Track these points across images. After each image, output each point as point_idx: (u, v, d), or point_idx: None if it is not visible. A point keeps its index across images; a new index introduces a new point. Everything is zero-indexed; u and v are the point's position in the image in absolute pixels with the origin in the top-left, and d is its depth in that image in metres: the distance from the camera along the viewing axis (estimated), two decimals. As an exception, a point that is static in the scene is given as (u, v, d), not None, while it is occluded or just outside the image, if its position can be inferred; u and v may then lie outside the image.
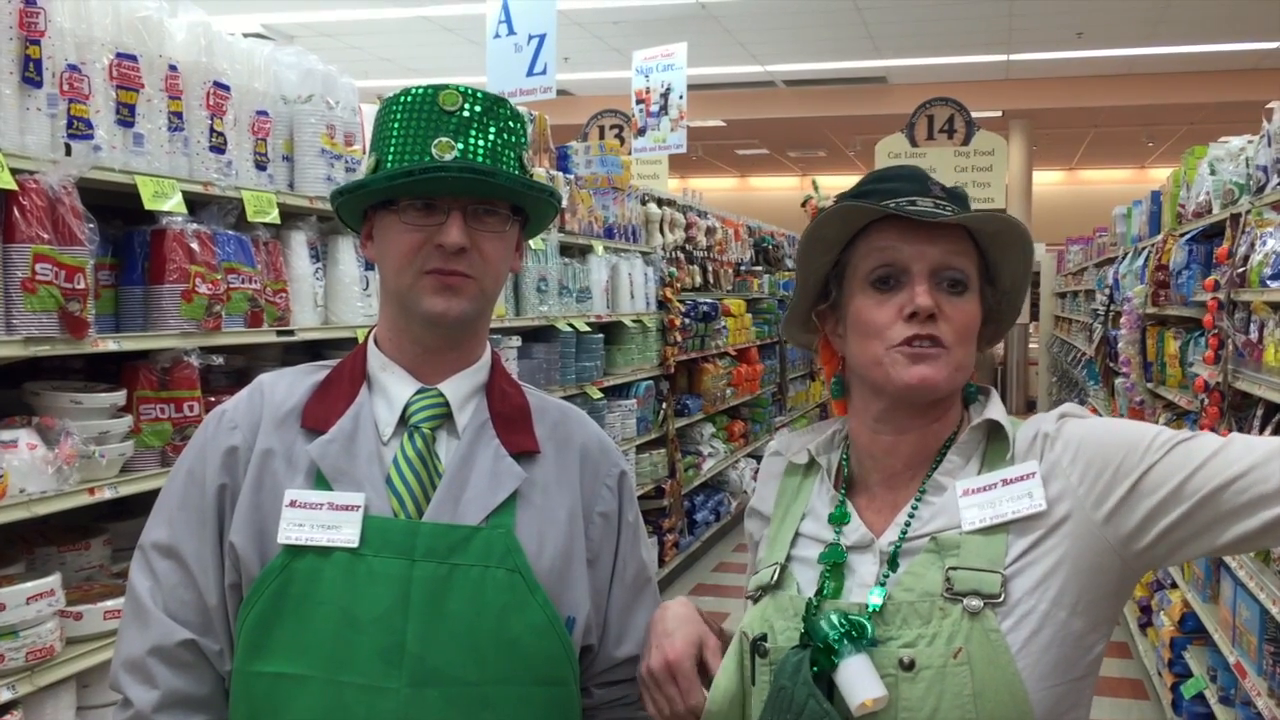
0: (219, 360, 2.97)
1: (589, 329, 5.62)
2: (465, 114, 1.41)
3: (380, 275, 1.49)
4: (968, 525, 1.26)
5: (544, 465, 1.49)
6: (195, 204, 2.93)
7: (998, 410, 1.35)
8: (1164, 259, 5.19)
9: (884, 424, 1.35)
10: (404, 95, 1.44)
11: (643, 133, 8.39)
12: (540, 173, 5.16)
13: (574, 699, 1.46)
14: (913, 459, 1.35)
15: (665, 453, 6.98)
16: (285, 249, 3.33)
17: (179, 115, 2.89)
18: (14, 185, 2.33)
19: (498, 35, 5.48)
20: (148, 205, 2.72)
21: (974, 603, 1.21)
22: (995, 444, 1.33)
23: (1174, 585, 5.02)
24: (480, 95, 1.43)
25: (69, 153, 2.54)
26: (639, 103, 8.40)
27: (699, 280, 7.94)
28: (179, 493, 1.45)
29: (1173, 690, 4.72)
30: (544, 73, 5.35)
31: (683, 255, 7.59)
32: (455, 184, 1.38)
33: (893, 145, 9.15)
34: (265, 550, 1.39)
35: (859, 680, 1.19)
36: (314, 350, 3.51)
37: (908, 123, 9.18)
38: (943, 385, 1.30)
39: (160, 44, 2.84)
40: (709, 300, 8.01)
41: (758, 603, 1.36)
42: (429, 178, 1.37)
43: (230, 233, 3.05)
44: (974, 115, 9.16)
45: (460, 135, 1.40)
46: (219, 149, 3.02)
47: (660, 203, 7.27)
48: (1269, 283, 3.44)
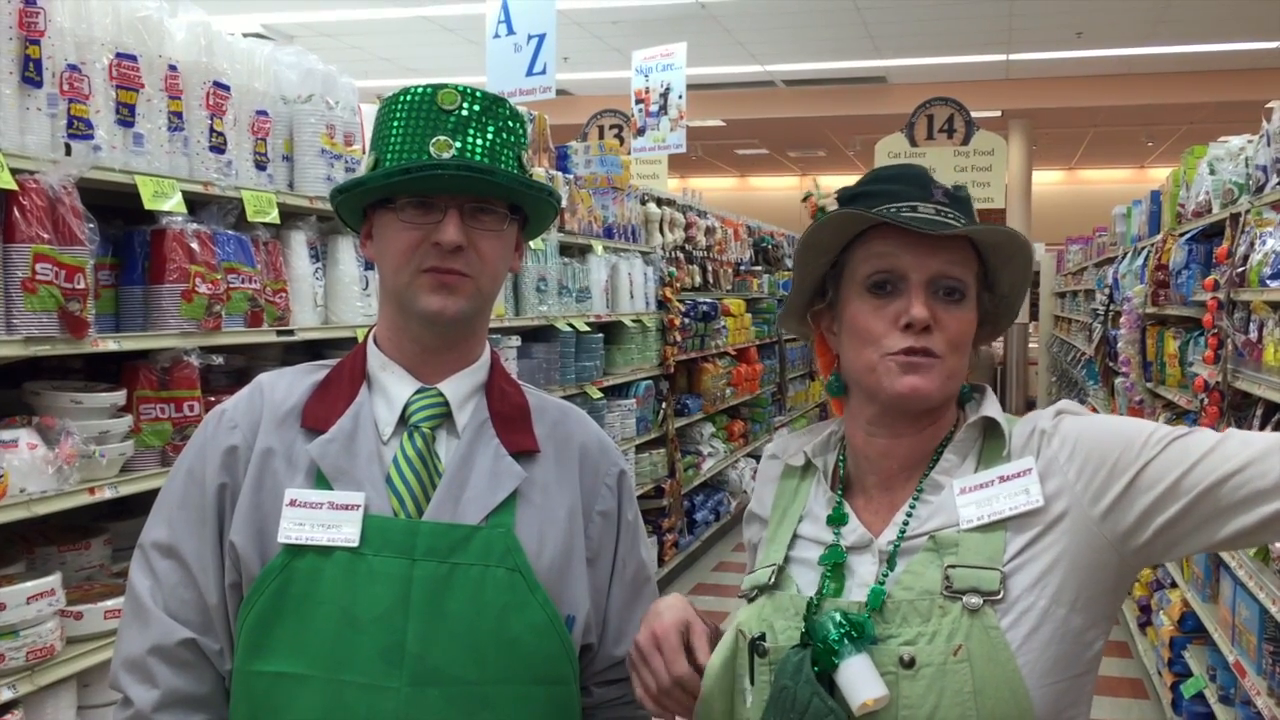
0: (219, 360, 2.97)
1: (588, 329, 5.62)
2: (464, 113, 1.41)
3: (379, 274, 1.49)
4: (965, 523, 1.26)
5: (544, 464, 1.49)
6: (195, 204, 2.93)
7: (993, 408, 1.35)
8: (1164, 259, 5.19)
9: (878, 427, 1.35)
10: (403, 94, 1.44)
11: (642, 132, 8.39)
12: (540, 172, 5.16)
13: (574, 698, 1.47)
14: (908, 461, 1.35)
15: (665, 452, 6.99)
16: (285, 249, 3.33)
17: (179, 115, 2.89)
18: (14, 185, 2.33)
19: (497, 35, 5.48)
20: (148, 205, 2.72)
21: (973, 600, 1.21)
22: (991, 441, 1.34)
23: (1174, 585, 5.02)
24: (479, 94, 1.43)
25: (69, 152, 2.54)
26: (638, 102, 8.41)
27: (698, 280, 7.94)
28: (179, 492, 1.45)
29: (1172, 689, 4.72)
30: (543, 72, 5.35)
31: (682, 255, 7.59)
32: (452, 182, 1.38)
33: (892, 145, 9.16)
34: (265, 549, 1.39)
35: (860, 679, 1.19)
36: (314, 350, 3.51)
37: (907, 122, 9.18)
38: (934, 395, 1.30)
39: (160, 44, 2.84)
40: (708, 300, 8.01)
41: (753, 602, 1.36)
42: (425, 175, 1.37)
43: (230, 232, 3.05)
44: (974, 115, 9.16)
45: (458, 134, 1.40)
46: (219, 149, 3.02)
47: (660, 202, 7.27)
48: (1268, 282, 3.44)
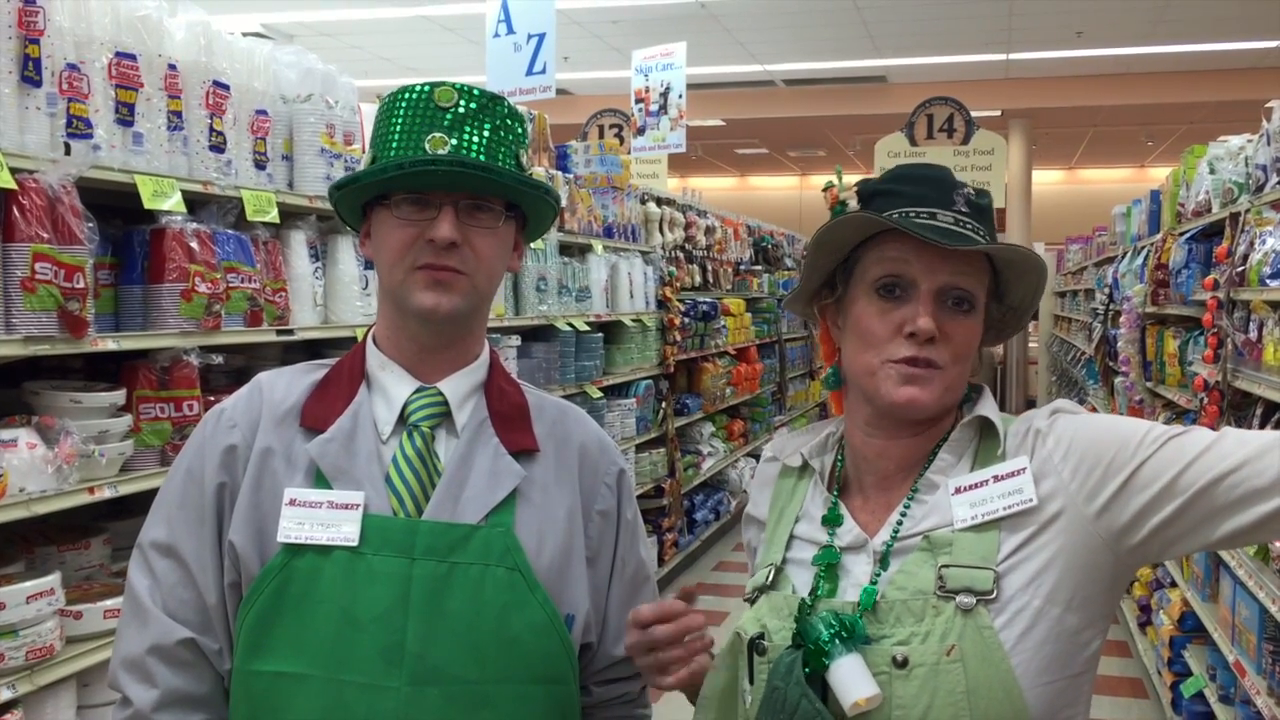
0: (218, 359, 2.97)
1: (588, 328, 5.62)
2: (460, 110, 1.41)
3: (377, 272, 1.49)
4: (959, 523, 1.26)
5: (543, 463, 1.49)
6: (195, 203, 2.93)
7: (989, 407, 1.34)
8: (1163, 258, 5.19)
9: (875, 428, 1.35)
10: (402, 93, 1.44)
11: (642, 132, 8.39)
12: (540, 172, 5.16)
13: (573, 697, 1.47)
14: (905, 461, 1.35)
15: (665, 452, 6.99)
16: (285, 248, 3.33)
17: (178, 114, 2.89)
18: (13, 184, 2.33)
19: (497, 34, 5.48)
20: (147, 204, 2.72)
21: (966, 600, 1.20)
22: (987, 441, 1.33)
23: (1173, 584, 5.02)
24: (477, 92, 1.43)
25: (68, 152, 2.54)
26: (638, 102, 8.40)
27: (698, 279, 7.94)
28: (178, 491, 1.45)
29: (1172, 689, 4.72)
30: (543, 72, 5.35)
31: (682, 254, 7.59)
32: (445, 178, 1.38)
33: (892, 144, 9.15)
34: (265, 549, 1.39)
35: (851, 680, 1.19)
36: (313, 350, 3.51)
37: (907, 122, 9.18)
38: (931, 407, 1.29)
39: (160, 43, 2.84)
40: (708, 299, 8.01)
41: (754, 604, 1.36)
42: (419, 171, 1.37)
43: (230, 232, 3.05)
44: (973, 114, 9.16)
45: (454, 131, 1.40)
46: (218, 148, 3.02)
47: (660, 202, 7.27)
48: (1268, 281, 3.44)
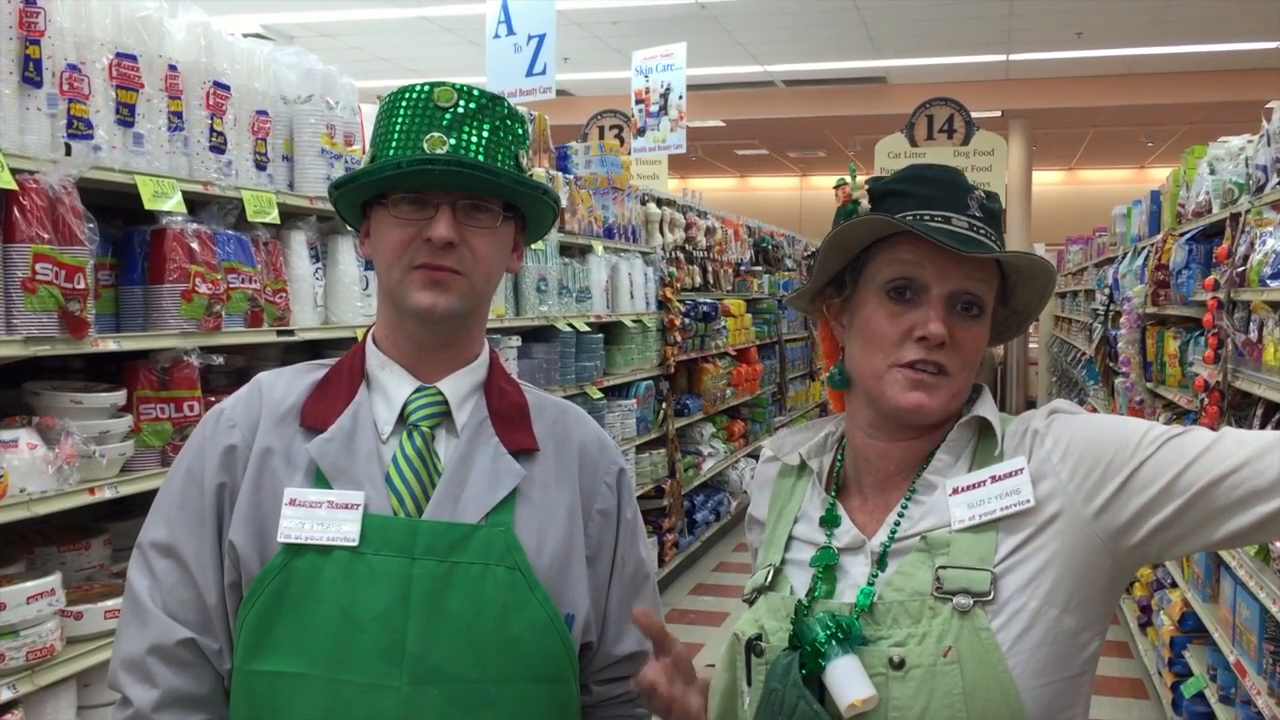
0: (219, 360, 2.97)
1: (589, 329, 5.62)
2: (460, 110, 1.41)
3: (376, 271, 1.49)
4: (957, 523, 1.26)
5: (543, 463, 1.49)
6: (195, 204, 2.93)
7: (987, 407, 1.34)
8: (1164, 259, 5.19)
9: (877, 430, 1.35)
10: (402, 92, 1.44)
11: (642, 133, 8.39)
12: (540, 173, 5.16)
13: (574, 697, 1.47)
14: (905, 463, 1.34)
15: (665, 453, 6.99)
16: (285, 249, 3.33)
17: (179, 115, 2.89)
18: (14, 185, 2.33)
19: (497, 35, 5.48)
20: (148, 205, 2.72)
21: (963, 601, 1.20)
22: (985, 441, 1.33)
23: (1174, 585, 5.02)
24: (476, 93, 1.43)
25: (69, 152, 2.54)
26: (638, 103, 8.41)
27: (699, 280, 7.94)
28: (177, 491, 1.45)
29: (1173, 689, 4.72)
30: (543, 73, 5.35)
31: (682, 255, 7.59)
32: (443, 177, 1.38)
33: (892, 145, 9.14)
34: (265, 549, 1.39)
35: (847, 681, 1.19)
36: (314, 350, 3.51)
37: (907, 123, 9.17)
38: (936, 412, 1.29)
39: (160, 44, 2.84)
40: (709, 300, 8.01)
41: (753, 605, 1.36)
42: (417, 170, 1.37)
43: (230, 232, 3.05)
44: (973, 115, 9.14)
45: (453, 131, 1.40)
46: (219, 149, 3.02)
47: (660, 203, 7.27)
48: (1268, 282, 3.44)
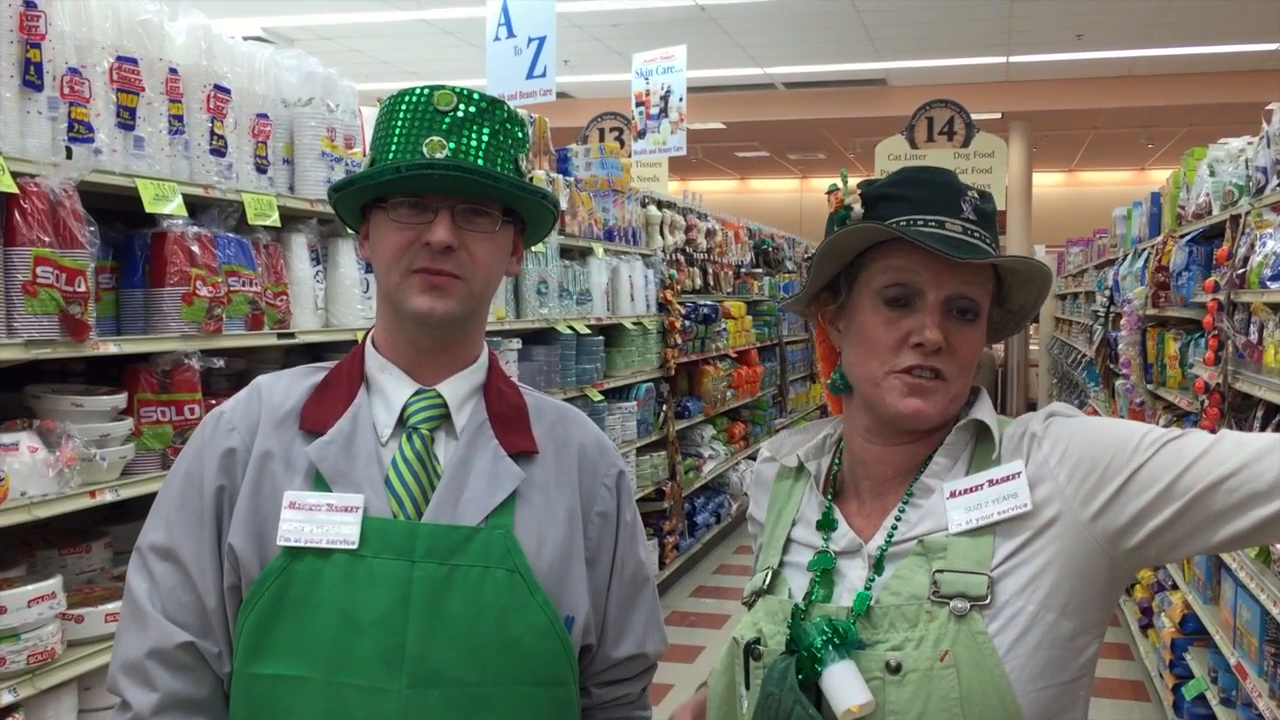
0: (220, 363, 2.97)
1: (589, 331, 5.62)
2: (459, 114, 1.41)
3: (375, 274, 1.49)
4: (954, 527, 1.25)
5: (542, 465, 1.49)
6: (196, 207, 2.93)
7: (985, 411, 1.34)
8: (1164, 260, 5.19)
9: (875, 435, 1.35)
10: (402, 96, 1.44)
11: (643, 135, 8.40)
12: (540, 175, 5.16)
13: (573, 699, 1.47)
14: (902, 467, 1.34)
15: (665, 455, 6.98)
16: (286, 252, 3.34)
17: (179, 118, 2.89)
18: (15, 188, 2.33)
19: (497, 38, 5.48)
20: (148, 208, 2.73)
21: (960, 605, 1.20)
22: (983, 444, 1.32)
23: (1175, 587, 5.01)
24: (477, 96, 1.43)
25: (70, 156, 2.55)
26: (639, 105, 8.41)
27: (699, 282, 7.94)
28: (177, 494, 1.45)
29: (1174, 692, 4.72)
30: (544, 75, 5.35)
31: (683, 257, 7.59)
32: (442, 182, 1.38)
33: (893, 147, 9.15)
34: (264, 552, 1.39)
35: (844, 687, 1.19)
36: (314, 353, 3.51)
37: (907, 125, 9.18)
38: (934, 418, 1.29)
39: (160, 47, 2.84)
40: (709, 302, 8.01)
41: (751, 608, 1.36)
42: (416, 174, 1.37)
43: (231, 235, 3.05)
44: (974, 117, 9.16)
45: (453, 135, 1.40)
46: (219, 152, 3.02)
47: (660, 205, 7.27)
48: (1269, 284, 3.44)
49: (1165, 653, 4.92)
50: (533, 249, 4.91)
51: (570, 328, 5.39)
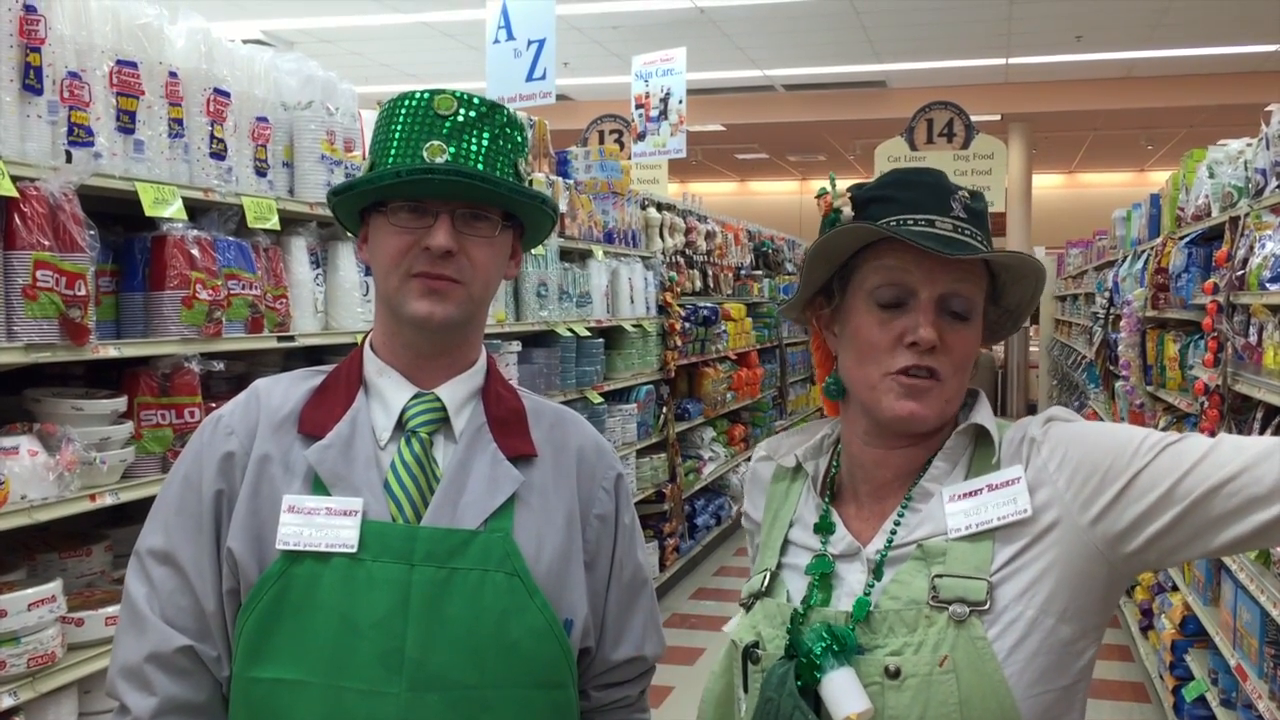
0: (219, 366, 2.98)
1: (589, 334, 5.62)
2: (459, 119, 1.41)
3: (374, 278, 1.49)
4: (954, 532, 1.25)
5: (541, 468, 1.49)
6: (195, 210, 2.93)
7: (984, 415, 1.34)
8: (1163, 262, 5.19)
9: (873, 438, 1.34)
10: (402, 100, 1.44)
11: (642, 137, 8.40)
12: (540, 178, 5.16)
13: (572, 702, 1.47)
14: (901, 470, 1.34)
15: (665, 457, 6.99)
16: (285, 255, 3.34)
17: (179, 122, 2.89)
18: (15, 192, 2.33)
19: (497, 41, 5.48)
20: (148, 212, 2.73)
21: (960, 610, 1.20)
22: (982, 448, 1.32)
23: (1175, 588, 5.01)
24: (476, 100, 1.43)
25: (69, 160, 2.55)
26: (638, 107, 8.41)
27: (699, 285, 7.95)
28: (175, 498, 1.45)
29: (1174, 693, 4.72)
30: (543, 78, 5.36)
31: (682, 260, 7.60)
32: (442, 186, 1.38)
33: (892, 149, 9.16)
34: (263, 556, 1.39)
35: (843, 694, 1.19)
36: (314, 356, 3.51)
37: (907, 126, 9.19)
38: (931, 420, 1.29)
39: (160, 51, 2.85)
40: (709, 304, 8.02)
41: (749, 610, 1.35)
42: (415, 179, 1.37)
43: (231, 239, 3.05)
44: (973, 119, 9.17)
45: (453, 139, 1.40)
46: (219, 155, 3.03)
47: (660, 207, 7.27)
48: (1268, 285, 3.44)
49: (1165, 654, 4.92)
50: (532, 251, 4.91)
51: (570, 330, 5.39)
